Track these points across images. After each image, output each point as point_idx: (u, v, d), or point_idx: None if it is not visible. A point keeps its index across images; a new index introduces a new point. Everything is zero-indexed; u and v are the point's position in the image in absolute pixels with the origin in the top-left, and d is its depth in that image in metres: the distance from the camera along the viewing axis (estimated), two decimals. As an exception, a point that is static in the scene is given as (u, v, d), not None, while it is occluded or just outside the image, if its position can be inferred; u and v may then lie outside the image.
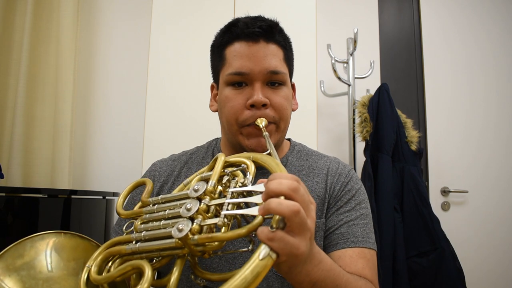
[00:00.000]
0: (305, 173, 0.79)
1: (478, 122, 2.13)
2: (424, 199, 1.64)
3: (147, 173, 0.84)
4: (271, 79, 0.73)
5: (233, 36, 0.74)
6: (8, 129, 1.65)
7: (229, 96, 0.73)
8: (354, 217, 0.74)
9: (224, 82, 0.74)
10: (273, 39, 0.74)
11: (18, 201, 1.25)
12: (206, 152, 0.84)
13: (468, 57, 2.18)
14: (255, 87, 0.71)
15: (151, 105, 1.51)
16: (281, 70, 0.73)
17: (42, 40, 1.72)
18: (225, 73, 0.74)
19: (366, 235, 0.72)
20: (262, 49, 0.72)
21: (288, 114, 0.75)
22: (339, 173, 0.79)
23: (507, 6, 2.24)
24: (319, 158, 0.82)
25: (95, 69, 1.93)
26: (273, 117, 0.72)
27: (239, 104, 0.72)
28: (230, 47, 0.74)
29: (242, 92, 0.72)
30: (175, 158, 0.85)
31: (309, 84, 1.56)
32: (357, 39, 1.84)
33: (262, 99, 0.70)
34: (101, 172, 1.87)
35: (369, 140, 1.71)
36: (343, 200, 0.76)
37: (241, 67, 0.71)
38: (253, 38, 0.72)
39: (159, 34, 1.55)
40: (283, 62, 0.75)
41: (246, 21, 0.73)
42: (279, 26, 0.76)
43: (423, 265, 1.57)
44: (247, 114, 0.71)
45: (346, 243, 0.70)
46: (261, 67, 0.71)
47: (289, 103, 0.76)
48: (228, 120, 0.74)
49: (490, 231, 2.04)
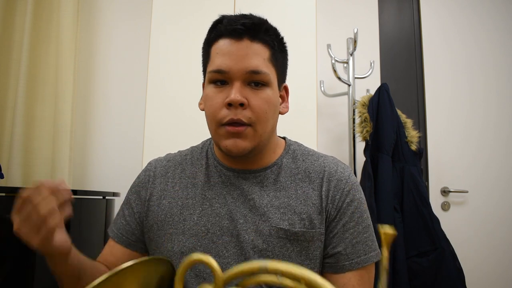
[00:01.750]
0: (301, 177, 0.76)
1: (478, 122, 2.13)
2: (424, 199, 1.64)
3: (142, 173, 0.83)
4: (251, 79, 0.69)
5: (217, 33, 0.72)
6: (8, 129, 1.65)
7: (209, 95, 0.72)
8: (357, 233, 0.72)
9: (207, 80, 0.73)
10: (258, 37, 0.70)
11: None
12: (200, 153, 0.83)
13: (468, 57, 2.18)
14: (234, 86, 0.69)
15: (151, 105, 1.51)
16: (262, 70, 0.69)
17: (42, 40, 1.72)
18: (208, 71, 0.73)
19: (369, 250, 0.73)
20: (244, 47, 0.69)
21: (267, 117, 0.71)
22: (337, 178, 0.75)
23: (507, 6, 2.24)
24: (316, 159, 0.78)
25: (95, 69, 1.93)
26: (249, 118, 0.68)
27: (218, 103, 0.70)
28: (215, 45, 0.73)
29: (223, 90, 0.70)
30: (169, 159, 0.84)
31: (309, 84, 1.56)
32: (357, 39, 1.84)
33: (238, 98, 0.67)
34: (101, 172, 1.87)
35: (369, 140, 1.71)
36: (347, 214, 0.73)
37: (221, 64, 0.69)
38: (235, 36, 0.69)
39: (159, 34, 1.55)
40: (267, 62, 0.71)
41: (230, 18, 0.72)
42: (266, 24, 0.73)
43: (423, 265, 1.57)
44: (224, 113, 0.69)
45: (351, 264, 0.71)
46: (240, 66, 0.68)
47: (270, 106, 0.71)
48: (209, 118, 0.72)
49: (490, 231, 2.04)
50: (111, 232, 0.81)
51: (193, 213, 0.74)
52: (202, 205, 0.75)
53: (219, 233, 0.72)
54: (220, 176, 0.77)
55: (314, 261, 0.72)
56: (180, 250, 0.71)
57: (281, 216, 0.71)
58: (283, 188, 0.75)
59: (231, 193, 0.75)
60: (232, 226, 0.72)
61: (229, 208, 0.73)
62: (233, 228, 0.71)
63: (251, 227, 0.71)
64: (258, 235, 0.70)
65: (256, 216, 0.72)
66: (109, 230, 0.82)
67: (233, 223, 0.72)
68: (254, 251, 0.70)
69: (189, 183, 0.78)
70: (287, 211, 0.72)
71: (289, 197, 0.73)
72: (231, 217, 0.72)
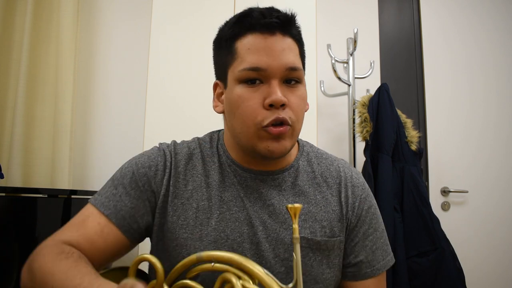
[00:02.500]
0: (318, 182, 0.74)
1: (478, 122, 2.13)
2: (424, 199, 1.64)
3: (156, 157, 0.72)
4: (289, 76, 0.65)
5: (246, 27, 0.66)
6: (8, 129, 1.65)
7: (243, 95, 0.65)
8: (376, 239, 0.74)
9: (235, 79, 0.66)
10: (290, 32, 0.67)
11: (18, 201, 1.25)
12: (210, 148, 0.76)
13: (468, 57, 2.18)
14: (273, 84, 0.63)
15: (151, 105, 1.51)
16: (299, 66, 0.66)
17: (42, 40, 1.72)
18: (236, 69, 0.65)
19: (385, 254, 0.75)
20: (279, 42, 0.64)
21: (303, 115, 0.68)
22: (353, 184, 0.74)
23: (507, 6, 2.24)
24: (331, 162, 0.77)
25: (95, 69, 1.93)
26: (290, 118, 0.64)
27: (256, 104, 0.64)
28: (242, 40, 0.66)
29: (258, 90, 0.64)
30: (178, 151, 0.74)
31: (309, 84, 1.54)
32: (357, 39, 1.84)
33: (282, 98, 0.63)
34: (101, 172, 1.87)
35: (369, 140, 1.71)
36: (366, 221, 0.73)
37: (257, 62, 0.63)
38: (269, 30, 0.64)
39: (159, 34, 1.55)
40: (299, 58, 0.68)
41: (261, 11, 0.66)
42: (295, 18, 0.69)
43: (423, 265, 1.57)
44: (265, 114, 0.63)
45: (372, 271, 0.72)
46: (279, 62, 0.64)
47: (305, 103, 0.69)
48: (244, 121, 0.65)
49: (490, 231, 2.04)
50: (105, 208, 0.66)
51: (210, 217, 0.68)
52: (219, 208, 0.69)
53: (239, 240, 0.67)
54: (235, 177, 0.72)
55: (334, 269, 0.71)
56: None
57: (302, 224, 0.69)
58: (302, 193, 0.72)
59: (248, 196, 0.70)
60: (252, 232, 0.68)
61: (248, 212, 0.69)
62: (253, 235, 0.67)
63: (271, 235, 0.68)
64: (279, 244, 0.67)
65: (276, 224, 0.68)
66: (99, 204, 0.67)
67: (253, 229, 0.68)
68: (276, 261, 0.67)
69: (203, 182, 0.71)
70: (308, 218, 0.69)
71: (309, 203, 0.71)
72: (250, 222, 0.68)
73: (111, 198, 0.68)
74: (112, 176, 0.72)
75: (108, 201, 0.67)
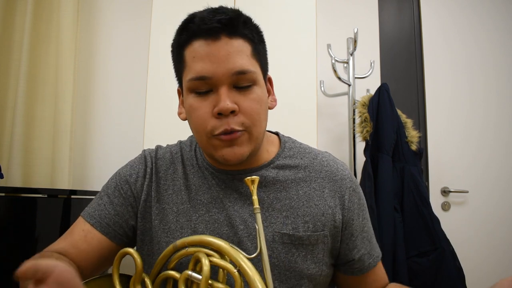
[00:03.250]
0: (301, 177, 0.73)
1: (478, 122, 2.13)
2: (424, 199, 1.64)
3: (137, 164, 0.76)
4: (238, 81, 0.63)
5: (190, 34, 0.64)
6: (8, 129, 1.65)
7: (193, 105, 0.64)
8: (368, 228, 0.76)
9: (186, 88, 0.66)
10: (237, 33, 0.63)
11: (18, 201, 1.25)
12: (189, 152, 0.77)
13: (468, 57, 2.18)
14: (221, 92, 0.62)
15: (151, 105, 1.51)
16: (249, 69, 0.63)
17: (42, 40, 1.72)
18: (186, 79, 0.65)
19: (376, 240, 0.77)
20: (224, 46, 0.62)
21: (261, 118, 0.66)
22: (340, 177, 0.73)
23: (507, 6, 2.24)
24: (314, 156, 0.75)
25: (95, 69, 1.93)
26: (242, 123, 0.63)
27: (205, 113, 0.63)
28: (188, 48, 0.65)
29: (207, 99, 0.63)
30: (160, 156, 0.77)
31: (309, 84, 1.56)
32: (357, 39, 1.84)
33: (229, 105, 0.61)
34: (101, 172, 1.87)
35: (369, 140, 1.71)
36: (360, 213, 0.74)
37: (201, 70, 0.62)
38: (212, 35, 0.62)
39: (159, 34, 1.55)
40: (251, 59, 0.65)
41: (203, 16, 0.63)
42: (242, 16, 0.65)
43: (423, 265, 1.57)
44: (215, 123, 0.62)
45: (374, 260, 0.75)
46: (225, 68, 0.61)
47: (262, 105, 0.66)
48: (197, 131, 0.66)
49: (490, 231, 2.04)
50: (91, 218, 0.71)
51: (190, 220, 0.69)
52: (199, 210, 0.70)
53: None
54: (214, 179, 0.72)
55: (319, 264, 0.69)
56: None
57: (284, 220, 0.68)
58: (284, 188, 0.71)
59: (228, 196, 0.70)
60: (232, 233, 0.68)
61: (227, 213, 0.69)
62: (233, 235, 0.68)
63: (253, 233, 0.67)
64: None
65: None
66: (86, 214, 0.72)
67: (233, 229, 0.68)
68: (258, 259, 0.66)
69: (183, 186, 0.72)
70: (289, 215, 0.69)
71: (291, 199, 0.70)
72: (230, 223, 0.68)
73: (97, 208, 0.72)
74: (101, 188, 0.77)
75: (94, 211, 0.72)
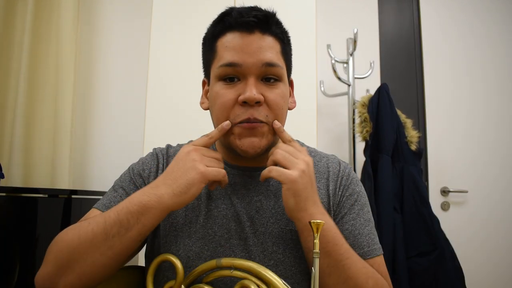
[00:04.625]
0: None
1: (478, 122, 2.13)
2: (424, 199, 1.64)
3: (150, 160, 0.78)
4: (266, 73, 0.66)
5: (225, 26, 0.67)
6: (8, 129, 1.65)
7: (219, 92, 0.66)
8: (359, 224, 0.72)
9: (214, 76, 0.68)
10: (269, 30, 0.67)
11: (18, 201, 1.25)
12: None
13: (468, 57, 2.18)
14: (249, 81, 0.64)
15: (151, 105, 1.51)
16: (277, 63, 0.66)
17: (42, 40, 1.72)
18: (215, 66, 0.68)
19: (372, 242, 0.72)
20: (256, 40, 0.65)
21: (283, 113, 0.69)
22: (340, 176, 0.75)
23: (507, 6, 2.24)
24: (319, 159, 0.78)
25: (95, 69, 1.93)
26: (266, 116, 0.65)
27: (230, 100, 0.65)
28: (222, 39, 0.68)
29: (234, 87, 0.66)
30: (170, 154, 0.78)
31: (309, 84, 1.56)
32: (357, 39, 1.84)
33: (256, 95, 0.63)
34: (101, 172, 1.87)
35: (369, 140, 1.71)
36: (346, 206, 0.73)
37: (232, 58, 0.65)
38: (247, 29, 0.65)
39: (159, 34, 1.55)
40: (280, 56, 0.69)
41: (240, 11, 0.67)
42: (276, 17, 0.70)
43: (423, 265, 1.57)
44: (238, 110, 0.64)
45: (374, 251, 0.71)
46: (255, 59, 0.64)
47: (285, 101, 0.69)
48: (218, 118, 0.67)
49: (490, 231, 2.04)
50: (108, 208, 0.69)
51: (199, 215, 0.70)
52: (207, 206, 0.71)
53: (227, 236, 0.68)
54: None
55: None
56: (186, 254, 0.67)
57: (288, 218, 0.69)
58: None
59: (236, 192, 0.72)
60: (239, 229, 0.69)
61: (235, 209, 0.70)
62: (241, 231, 0.68)
63: (259, 230, 0.68)
64: (267, 238, 0.68)
65: (264, 218, 0.69)
66: (101, 206, 0.71)
67: (241, 225, 0.69)
68: (264, 255, 0.67)
69: None
70: None
71: None
72: (238, 219, 0.69)
73: (112, 200, 0.71)
74: (113, 184, 0.78)
75: (110, 202, 0.71)
